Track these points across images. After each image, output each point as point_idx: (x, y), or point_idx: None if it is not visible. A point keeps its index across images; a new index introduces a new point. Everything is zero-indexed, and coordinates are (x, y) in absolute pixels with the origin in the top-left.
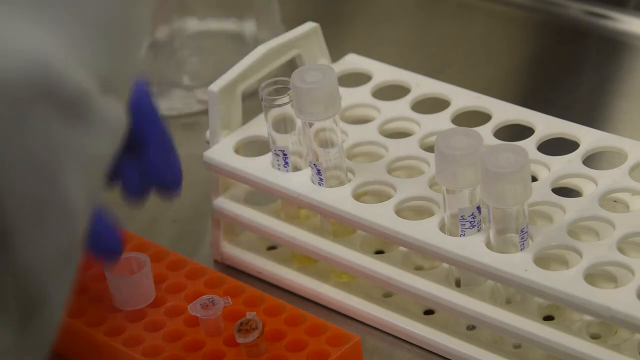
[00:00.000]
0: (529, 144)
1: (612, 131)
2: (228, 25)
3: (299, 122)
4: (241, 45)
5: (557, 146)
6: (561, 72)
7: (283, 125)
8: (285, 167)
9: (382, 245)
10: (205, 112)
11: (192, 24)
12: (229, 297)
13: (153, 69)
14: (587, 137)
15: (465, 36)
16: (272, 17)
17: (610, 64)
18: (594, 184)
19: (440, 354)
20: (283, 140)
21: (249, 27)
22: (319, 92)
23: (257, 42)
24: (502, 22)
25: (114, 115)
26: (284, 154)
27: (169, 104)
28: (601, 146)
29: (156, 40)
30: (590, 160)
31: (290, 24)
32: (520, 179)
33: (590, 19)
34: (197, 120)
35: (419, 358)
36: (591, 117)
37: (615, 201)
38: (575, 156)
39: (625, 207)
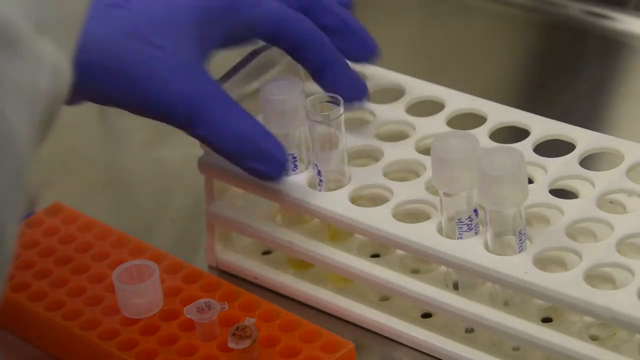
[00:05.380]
0: (525, 146)
1: (612, 131)
2: None
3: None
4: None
5: (553, 148)
6: (561, 72)
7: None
8: (294, 170)
9: (378, 248)
10: None
11: None
12: (225, 303)
13: None
14: (584, 138)
15: (465, 36)
16: None
17: (610, 64)
18: (591, 186)
19: (439, 357)
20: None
21: None
22: None
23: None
24: (501, 22)
25: (50, 55)
26: (294, 157)
27: None
28: (597, 147)
29: None
30: (587, 162)
31: None
32: (517, 181)
33: (590, 19)
34: None
35: None
36: (591, 117)
37: (611, 202)
38: (572, 158)
39: (622, 208)
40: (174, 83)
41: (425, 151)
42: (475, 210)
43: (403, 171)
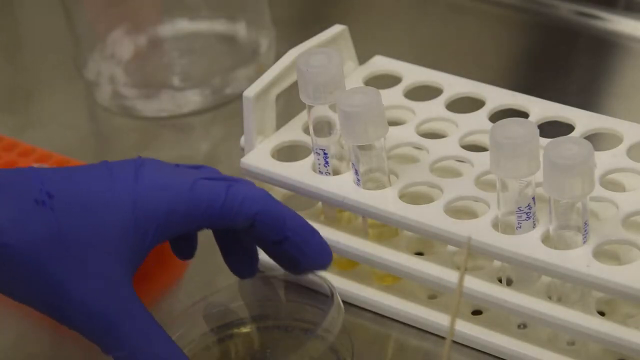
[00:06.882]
0: None
1: None
2: (218, 26)
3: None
4: (231, 46)
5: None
6: (551, 72)
7: (326, 127)
8: (326, 166)
9: (421, 247)
10: (195, 114)
11: (182, 25)
12: None
13: (143, 70)
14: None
15: (455, 37)
16: (262, 17)
17: (600, 64)
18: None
19: (491, 353)
20: (324, 142)
21: (239, 28)
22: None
23: (247, 43)
24: (491, 22)
25: None
26: (325, 153)
27: (158, 106)
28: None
29: (146, 41)
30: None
31: (279, 25)
32: (586, 171)
33: (580, 19)
34: (187, 121)
35: (467, 358)
36: None
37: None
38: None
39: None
40: (91, 300)
41: (468, 147)
42: (533, 199)
43: (444, 169)
